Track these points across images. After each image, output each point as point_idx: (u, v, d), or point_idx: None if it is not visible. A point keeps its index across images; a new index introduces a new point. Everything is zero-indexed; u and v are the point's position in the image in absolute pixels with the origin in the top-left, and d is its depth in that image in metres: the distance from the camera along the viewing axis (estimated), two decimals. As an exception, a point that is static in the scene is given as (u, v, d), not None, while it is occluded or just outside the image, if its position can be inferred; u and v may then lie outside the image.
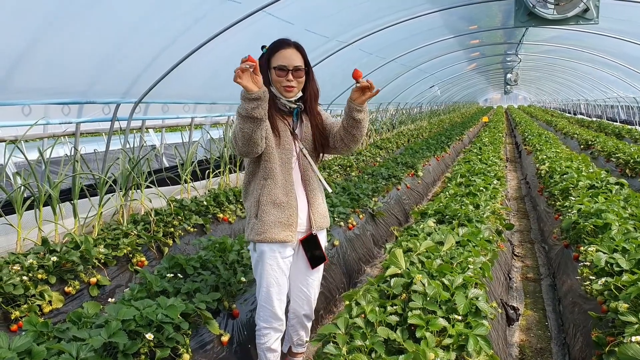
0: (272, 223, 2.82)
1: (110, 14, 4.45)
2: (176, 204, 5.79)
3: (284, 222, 2.84)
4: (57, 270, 3.95)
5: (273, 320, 2.94)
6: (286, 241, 2.85)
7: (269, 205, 2.83)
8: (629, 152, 10.33)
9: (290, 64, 2.79)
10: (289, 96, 2.85)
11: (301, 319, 3.15)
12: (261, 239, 2.83)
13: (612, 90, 20.58)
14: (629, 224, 4.50)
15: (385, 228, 6.89)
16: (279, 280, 2.91)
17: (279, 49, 2.81)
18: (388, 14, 8.14)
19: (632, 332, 2.68)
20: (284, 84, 2.82)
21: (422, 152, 12.17)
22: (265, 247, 2.85)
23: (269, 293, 2.90)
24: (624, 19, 9.33)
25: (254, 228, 2.86)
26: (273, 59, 2.82)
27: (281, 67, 2.79)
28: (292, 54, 2.81)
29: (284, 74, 2.80)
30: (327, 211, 3.11)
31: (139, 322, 2.74)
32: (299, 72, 2.82)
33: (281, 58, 2.80)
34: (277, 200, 2.83)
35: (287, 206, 2.85)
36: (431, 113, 27.39)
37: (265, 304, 2.93)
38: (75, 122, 5.57)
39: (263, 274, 2.89)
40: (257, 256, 2.91)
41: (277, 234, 2.82)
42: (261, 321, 2.97)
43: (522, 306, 4.90)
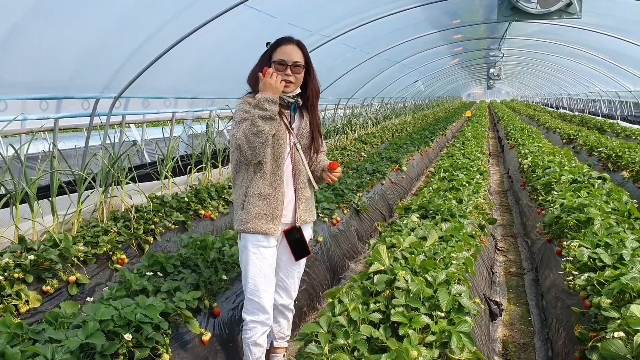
0: (256, 214, 2.89)
1: (90, 8, 4.36)
2: (157, 200, 5.72)
3: (269, 214, 2.90)
4: (35, 269, 3.87)
5: (260, 312, 2.95)
6: (268, 233, 2.91)
7: (255, 197, 2.90)
8: (611, 146, 10.41)
9: (290, 59, 2.88)
10: (287, 91, 2.91)
11: (280, 310, 3.18)
12: (244, 229, 2.90)
13: (594, 85, 20.75)
14: (611, 219, 4.52)
15: (370, 223, 6.87)
16: (265, 270, 2.94)
17: (281, 45, 2.91)
18: (371, 7, 8.10)
19: (615, 327, 2.67)
20: (282, 78, 2.87)
21: (406, 147, 12.17)
22: (249, 237, 2.92)
23: (256, 284, 2.93)
24: (607, 13, 9.38)
25: (239, 218, 2.93)
26: (274, 54, 2.90)
27: (280, 62, 2.87)
28: (292, 50, 2.90)
29: (282, 69, 2.88)
30: (314, 206, 3.18)
31: (117, 322, 2.68)
32: (298, 68, 2.91)
33: (282, 53, 2.89)
34: (264, 193, 2.90)
35: (273, 199, 2.91)
36: (415, 108, 27.45)
37: (251, 296, 2.95)
38: (54, 118, 5.47)
39: (248, 263, 2.93)
40: (242, 246, 2.97)
41: (261, 225, 2.89)
42: (247, 314, 2.98)
43: (505, 301, 4.91)
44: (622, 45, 11.48)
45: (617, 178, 8.56)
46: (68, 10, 4.18)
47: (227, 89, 7.88)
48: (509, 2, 6.05)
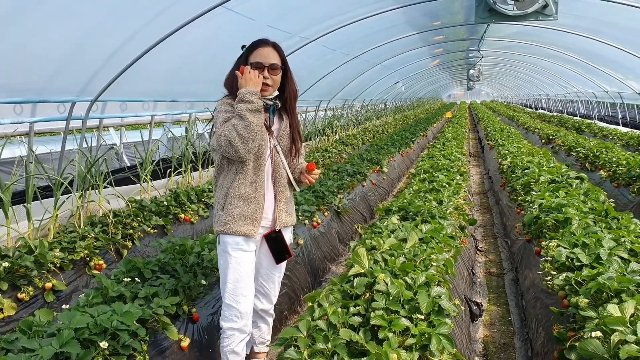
0: (236, 215, 2.86)
1: (65, 10, 4.29)
2: (135, 204, 5.65)
3: (249, 216, 2.87)
4: (10, 276, 3.80)
5: (238, 319, 2.88)
6: (248, 235, 2.87)
7: (236, 198, 2.87)
8: (589, 146, 10.53)
9: (267, 61, 2.87)
10: (265, 94, 2.90)
11: (260, 315, 3.14)
12: (224, 230, 2.86)
13: (572, 85, 21.02)
14: (589, 218, 4.56)
15: (351, 225, 6.86)
16: (244, 275, 2.89)
17: (257, 47, 2.90)
18: (351, 9, 8.10)
19: (592, 327, 2.69)
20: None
21: (387, 148, 12.20)
22: (228, 238, 2.87)
23: (235, 289, 2.87)
24: (582, 15, 9.50)
25: (219, 219, 2.89)
26: (251, 56, 2.90)
27: (257, 64, 2.86)
28: (269, 52, 2.90)
29: (259, 71, 2.86)
30: (294, 209, 3.15)
31: (93, 330, 2.63)
32: (275, 70, 2.90)
33: (258, 55, 2.88)
34: (245, 194, 2.87)
35: (254, 201, 2.89)
36: (396, 109, 27.55)
37: (229, 301, 2.88)
38: (29, 122, 5.38)
39: (227, 267, 2.88)
40: (221, 248, 2.92)
41: (241, 226, 2.85)
42: (225, 322, 2.91)
43: (485, 301, 4.93)
44: (597, 46, 11.64)
45: (595, 178, 8.66)
46: (43, 12, 4.10)
47: (206, 92, 7.83)
48: (487, 4, 6.09)
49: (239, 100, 2.76)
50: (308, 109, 14.24)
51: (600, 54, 12.58)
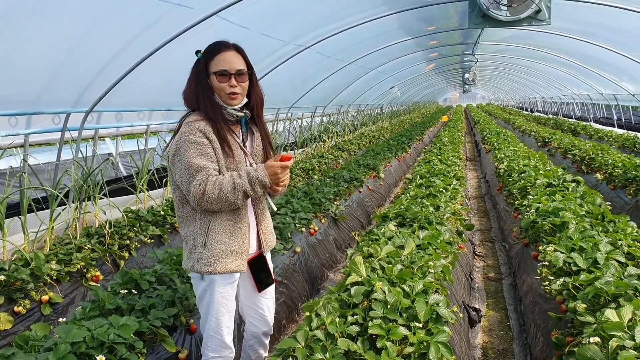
0: (223, 252, 2.59)
1: (57, 21, 4.29)
2: (132, 214, 5.64)
3: (236, 250, 2.63)
4: (6, 290, 3.78)
5: (223, 349, 2.74)
6: (238, 271, 2.65)
7: (220, 232, 2.59)
8: (585, 148, 10.55)
9: (232, 68, 2.56)
10: (234, 104, 2.62)
11: (260, 338, 2.96)
12: (211, 270, 2.58)
13: (567, 88, 21.08)
14: (586, 222, 4.56)
15: (348, 232, 6.86)
16: (229, 307, 2.71)
17: (218, 52, 2.58)
18: (345, 16, 8.12)
19: (590, 332, 2.69)
20: (227, 91, 2.58)
21: (384, 154, 12.20)
22: (216, 277, 2.63)
23: (219, 322, 2.68)
24: (576, 19, 9.53)
25: (201, 258, 2.58)
26: (212, 63, 2.58)
27: (222, 72, 2.56)
28: (232, 57, 2.59)
29: (225, 80, 2.56)
30: (273, 228, 2.94)
31: (90, 343, 2.62)
32: (242, 76, 2.60)
33: (222, 62, 2.56)
34: (229, 227, 2.61)
35: (239, 232, 2.64)
36: (392, 114, 27.59)
37: (214, 334, 2.70)
38: (24, 134, 5.37)
39: (212, 304, 2.66)
40: (205, 286, 2.66)
41: (229, 263, 2.60)
42: (209, 351, 2.73)
43: (484, 307, 4.92)
44: (592, 49, 11.68)
45: (591, 180, 8.68)
46: (34, 23, 4.10)
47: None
48: (480, 10, 6.11)
49: (249, 181, 2.49)
50: (304, 115, 14.25)
51: (595, 57, 12.63)
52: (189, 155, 2.49)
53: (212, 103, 2.59)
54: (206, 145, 2.53)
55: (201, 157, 2.50)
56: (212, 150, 2.54)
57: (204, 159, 2.50)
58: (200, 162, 2.49)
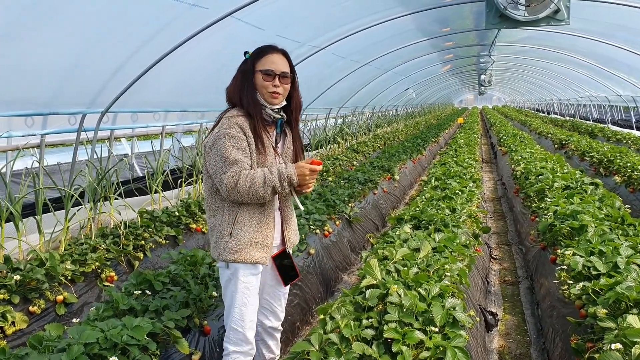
0: (248, 242, 2.69)
1: (73, 22, 4.30)
2: (147, 215, 5.64)
3: (261, 242, 2.73)
4: (21, 289, 3.79)
5: (244, 343, 2.76)
6: (260, 262, 2.73)
7: (246, 224, 2.70)
8: (602, 151, 10.41)
9: (278, 69, 2.73)
10: (275, 103, 2.76)
11: (268, 331, 3.00)
12: (235, 259, 2.68)
13: (584, 90, 20.84)
14: (605, 225, 4.49)
15: (363, 234, 6.81)
16: (252, 300, 2.76)
17: (266, 54, 2.75)
18: (360, 17, 8.08)
19: (611, 338, 2.63)
20: (270, 90, 2.72)
21: (399, 155, 12.14)
22: (240, 266, 2.71)
23: (242, 314, 2.73)
24: (594, 19, 9.41)
25: (227, 247, 2.69)
26: (259, 63, 2.74)
27: (268, 72, 2.71)
28: (279, 59, 2.76)
29: (270, 79, 2.72)
30: (297, 226, 3.05)
31: (103, 344, 2.61)
32: (286, 78, 2.76)
33: (268, 62, 2.73)
34: (255, 219, 2.72)
35: (264, 226, 2.74)
36: (407, 115, 27.47)
37: (236, 326, 2.74)
38: (40, 134, 5.39)
39: (236, 294, 2.72)
40: (229, 274, 2.74)
41: (253, 254, 2.70)
42: (231, 345, 2.77)
43: (500, 311, 4.86)
44: (610, 50, 11.52)
45: (610, 183, 8.55)
46: (50, 26, 4.12)
47: (217, 102, 7.76)
48: (497, 10, 6.03)
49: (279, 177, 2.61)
50: (318, 116, 14.22)
51: (613, 58, 12.45)
52: (226, 147, 2.62)
53: (254, 100, 2.74)
54: (242, 140, 2.66)
55: (237, 150, 2.63)
56: (247, 146, 2.68)
57: (239, 153, 2.64)
58: (236, 155, 2.62)
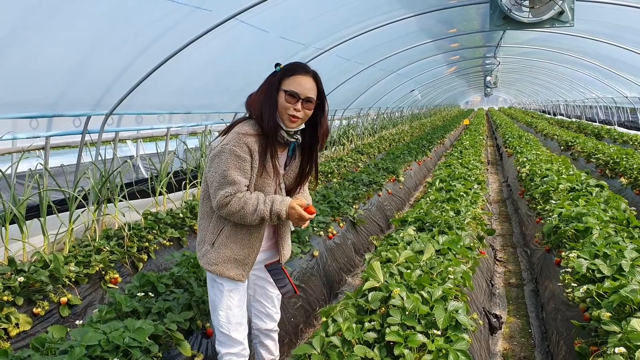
0: (227, 258, 2.65)
1: (77, 24, 4.32)
2: (151, 217, 5.65)
3: (240, 260, 2.68)
4: (25, 291, 3.80)
5: (234, 344, 2.73)
6: (237, 279, 2.67)
7: (230, 238, 2.66)
8: (609, 152, 10.36)
9: (303, 93, 2.57)
10: (291, 126, 2.61)
11: (265, 333, 2.96)
12: (213, 270, 2.66)
13: (591, 91, 20.77)
14: (610, 228, 4.46)
15: (367, 235, 6.80)
16: (237, 302, 2.72)
17: (295, 74, 2.59)
18: (364, 19, 8.08)
19: (615, 342, 2.61)
20: (290, 112, 2.57)
21: (404, 157, 12.12)
22: (216, 277, 2.70)
23: (228, 317, 2.69)
24: (600, 20, 9.37)
25: (206, 255, 2.68)
26: (286, 81, 2.58)
27: (292, 94, 2.56)
28: (307, 82, 2.59)
29: (293, 101, 2.57)
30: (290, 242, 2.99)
31: (105, 347, 2.61)
32: (309, 104, 2.61)
33: (295, 84, 2.57)
34: (240, 237, 2.67)
35: (248, 245, 2.68)
36: (412, 117, 27.44)
37: (223, 329, 2.71)
38: (45, 136, 5.41)
39: (220, 295, 2.70)
40: (211, 277, 2.74)
41: (230, 270, 2.65)
42: (221, 347, 2.74)
43: (505, 313, 4.84)
44: (616, 51, 11.48)
45: (616, 185, 8.51)
46: (53, 28, 4.14)
47: (221, 103, 7.84)
48: (501, 12, 6.01)
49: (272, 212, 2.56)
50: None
51: (620, 59, 12.40)
52: (228, 164, 2.55)
53: (272, 119, 2.60)
54: (246, 162, 2.58)
55: (238, 170, 2.56)
56: (250, 168, 2.60)
57: (239, 174, 2.57)
58: (235, 176, 2.56)
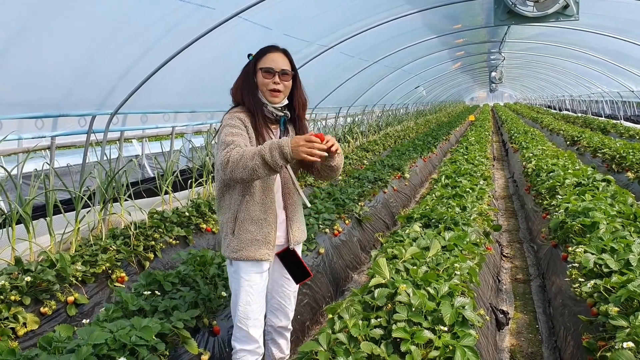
0: (248, 241, 2.74)
1: (81, 24, 4.33)
2: (157, 216, 5.66)
3: (261, 239, 2.76)
4: (32, 291, 3.81)
5: (250, 341, 2.79)
6: (262, 259, 2.76)
7: (246, 222, 2.75)
8: (615, 147, 10.32)
9: (277, 67, 2.78)
10: (275, 101, 2.81)
11: (278, 330, 3.02)
12: (237, 257, 2.75)
13: (596, 86, 20.68)
14: (617, 222, 4.44)
15: (373, 233, 6.79)
16: (256, 298, 2.79)
17: (267, 53, 2.82)
18: (368, 16, 8.06)
19: (623, 337, 2.59)
20: (270, 87, 2.78)
21: (409, 154, 12.09)
22: (241, 264, 2.77)
23: (246, 312, 2.77)
24: (605, 14, 9.33)
25: (230, 245, 2.77)
26: (260, 62, 2.81)
27: (268, 70, 2.77)
28: (279, 57, 2.81)
29: (270, 77, 2.77)
30: (305, 224, 3.03)
31: (112, 345, 2.62)
32: (286, 76, 2.80)
33: (269, 61, 2.79)
34: (255, 217, 2.75)
35: (264, 223, 2.77)
36: (417, 113, 27.39)
37: (240, 324, 2.78)
38: (50, 136, 5.43)
39: (239, 291, 2.77)
40: (233, 272, 2.82)
41: (254, 251, 2.74)
42: (237, 343, 2.81)
43: (512, 309, 4.82)
44: (622, 45, 11.42)
45: (622, 179, 8.47)
46: (58, 28, 4.14)
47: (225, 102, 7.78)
48: (506, 6, 5.99)
49: (272, 146, 2.46)
50: (328, 115, 14.21)
51: (626, 53, 12.34)
52: (225, 134, 2.68)
53: (254, 99, 2.80)
54: (241, 129, 2.72)
55: (234, 135, 2.67)
56: (246, 135, 2.72)
57: (237, 137, 2.67)
58: (232, 138, 2.65)
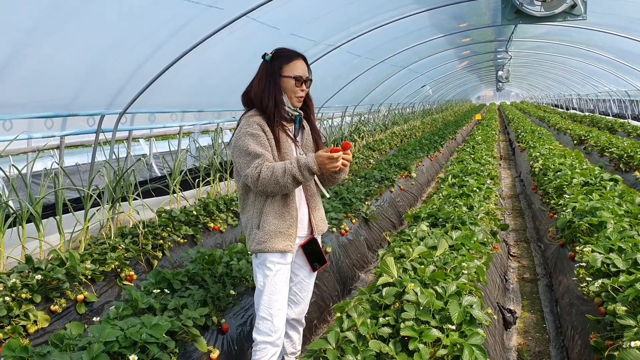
0: (272, 233, 2.86)
1: (90, 26, 4.36)
2: (165, 215, 5.69)
3: (284, 231, 2.88)
4: (42, 289, 3.85)
5: (272, 333, 2.87)
6: (286, 251, 2.88)
7: (270, 215, 2.88)
8: (622, 146, 10.28)
9: (305, 75, 2.94)
10: (298, 105, 2.98)
11: (292, 323, 3.13)
12: (262, 249, 2.86)
13: (604, 85, 20.59)
14: (625, 222, 4.43)
15: (379, 232, 6.81)
16: (280, 289, 2.90)
17: (293, 60, 2.93)
18: (375, 15, 8.07)
19: (631, 336, 2.60)
20: (298, 94, 2.93)
21: (415, 153, 12.09)
22: (266, 255, 2.88)
23: (270, 303, 2.87)
24: (612, 13, 9.30)
25: (255, 238, 2.89)
26: (287, 67, 2.91)
27: (298, 78, 2.91)
28: (304, 65, 2.97)
29: (299, 84, 2.92)
30: (325, 215, 3.18)
31: (123, 343, 2.65)
32: (309, 82, 2.99)
33: (297, 69, 2.92)
34: (278, 211, 2.89)
35: (287, 216, 2.90)
36: (424, 112, 27.33)
37: (264, 314, 2.88)
38: (59, 136, 5.47)
39: (265, 282, 2.89)
40: (258, 262, 2.93)
41: (278, 243, 2.86)
42: (259, 335, 2.89)
43: (519, 308, 4.83)
44: (629, 44, 11.38)
45: (630, 179, 8.45)
46: (68, 30, 4.17)
47: (233, 101, 7.81)
48: (513, 6, 5.98)
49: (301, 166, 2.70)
50: (334, 115, 14.22)
51: (634, 52, 12.29)
52: (247, 144, 2.81)
53: (277, 101, 2.91)
54: (262, 137, 2.85)
55: (258, 145, 2.82)
56: (267, 141, 2.87)
57: (261, 147, 2.83)
58: (258, 150, 2.80)
